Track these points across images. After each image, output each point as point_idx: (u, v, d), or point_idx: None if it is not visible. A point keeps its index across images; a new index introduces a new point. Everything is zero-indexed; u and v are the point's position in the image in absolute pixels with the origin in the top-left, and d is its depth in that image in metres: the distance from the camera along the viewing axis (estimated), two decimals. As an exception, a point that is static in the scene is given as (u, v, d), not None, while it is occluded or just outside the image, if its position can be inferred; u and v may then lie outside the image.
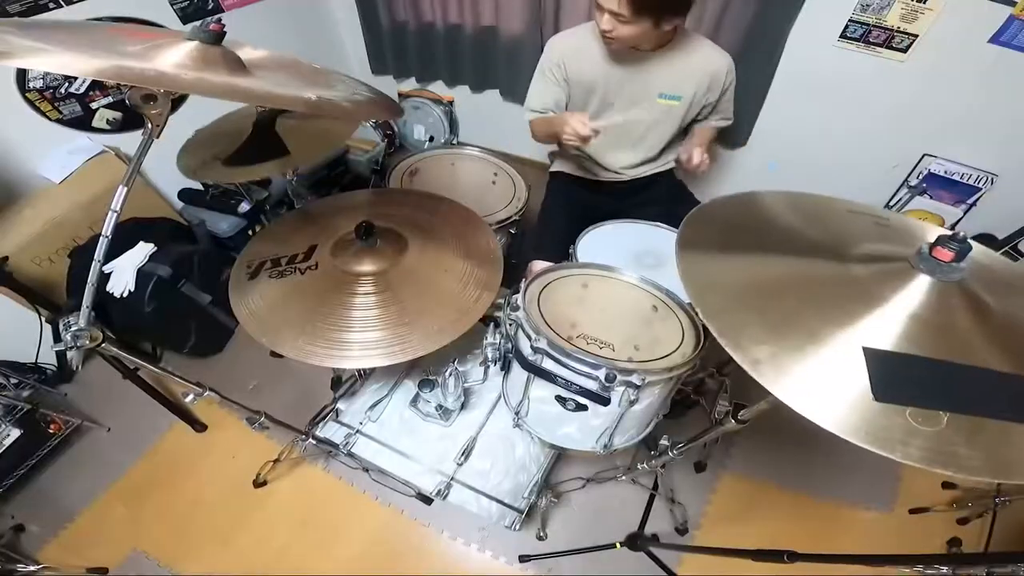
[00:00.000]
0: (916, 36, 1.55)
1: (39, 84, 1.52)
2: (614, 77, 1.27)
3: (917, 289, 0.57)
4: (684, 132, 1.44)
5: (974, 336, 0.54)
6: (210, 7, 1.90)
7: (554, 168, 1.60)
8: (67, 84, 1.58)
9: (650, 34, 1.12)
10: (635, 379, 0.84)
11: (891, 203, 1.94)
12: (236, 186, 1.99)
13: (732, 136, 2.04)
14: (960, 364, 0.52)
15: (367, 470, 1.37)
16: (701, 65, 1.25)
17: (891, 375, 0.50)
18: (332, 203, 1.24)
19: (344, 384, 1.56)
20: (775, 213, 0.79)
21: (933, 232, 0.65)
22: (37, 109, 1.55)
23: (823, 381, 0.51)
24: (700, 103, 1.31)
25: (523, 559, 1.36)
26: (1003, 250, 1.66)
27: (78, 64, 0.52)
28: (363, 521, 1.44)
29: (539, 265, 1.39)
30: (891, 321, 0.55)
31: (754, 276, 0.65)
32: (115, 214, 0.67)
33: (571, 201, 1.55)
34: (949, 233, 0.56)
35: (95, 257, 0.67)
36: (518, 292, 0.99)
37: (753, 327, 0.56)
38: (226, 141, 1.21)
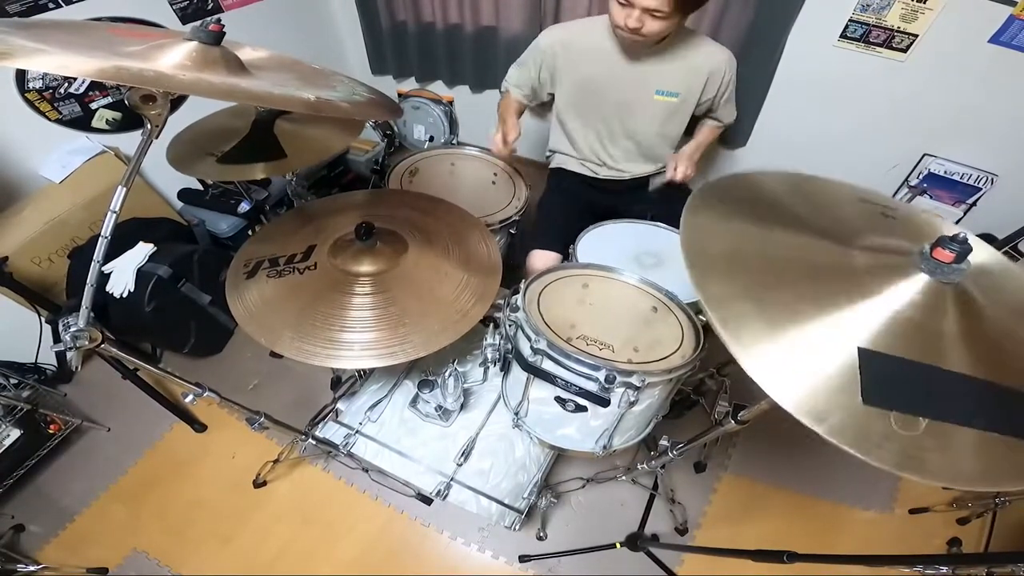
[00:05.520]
0: (916, 36, 1.54)
1: (38, 84, 1.52)
2: (612, 73, 1.27)
3: (910, 287, 0.56)
4: (688, 133, 1.44)
5: (955, 341, 0.54)
6: (210, 7, 1.90)
7: (554, 164, 1.60)
8: (66, 84, 1.58)
9: (674, 28, 1.12)
10: (635, 380, 0.84)
11: (891, 203, 1.94)
12: (236, 186, 1.99)
13: (732, 136, 2.04)
14: (949, 371, 0.51)
15: (367, 470, 1.37)
16: (700, 62, 1.24)
17: (882, 379, 0.50)
18: (331, 203, 1.24)
19: (344, 384, 1.56)
20: (785, 194, 0.77)
21: (939, 227, 0.65)
22: (36, 109, 1.55)
23: (798, 363, 0.51)
24: (699, 101, 1.30)
25: (523, 559, 1.36)
26: (1003, 250, 1.65)
27: (77, 64, 0.52)
28: (363, 521, 1.44)
29: (538, 255, 1.40)
30: (876, 315, 0.54)
31: (754, 245, 0.64)
32: (114, 214, 0.66)
33: (571, 195, 1.55)
34: (950, 234, 0.55)
35: (94, 257, 0.67)
36: (518, 293, 0.99)
37: (740, 299, 0.56)
38: (219, 137, 1.21)
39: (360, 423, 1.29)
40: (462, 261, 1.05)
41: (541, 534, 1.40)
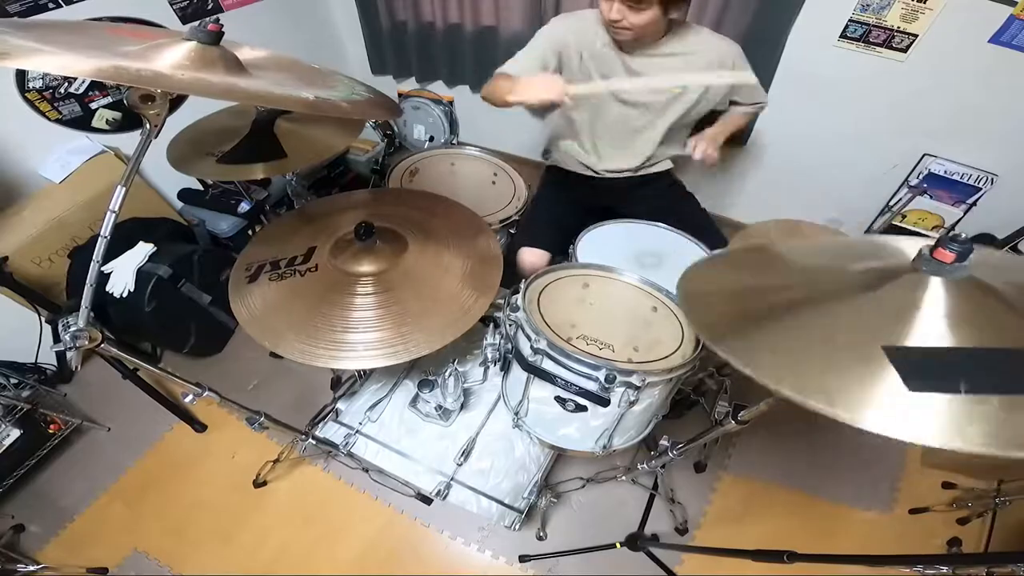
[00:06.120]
0: (916, 36, 1.54)
1: (38, 84, 1.52)
2: (619, 65, 1.26)
3: (935, 291, 0.55)
4: (693, 128, 1.42)
5: (1009, 316, 0.53)
6: (210, 7, 1.90)
7: (550, 163, 1.59)
8: (66, 84, 1.58)
9: (658, 23, 1.11)
10: (635, 380, 0.84)
11: (891, 203, 1.94)
12: (236, 186, 1.99)
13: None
14: (980, 348, 0.51)
15: (367, 470, 1.37)
16: (705, 53, 1.23)
17: (919, 366, 0.49)
18: (331, 203, 1.24)
19: (344, 384, 1.56)
20: (771, 267, 0.77)
21: (912, 245, 0.64)
22: (36, 109, 1.55)
23: (899, 398, 0.49)
24: (706, 92, 1.30)
25: (523, 559, 1.36)
26: (1003, 250, 1.66)
27: (76, 64, 0.52)
28: (363, 521, 1.44)
29: (528, 252, 1.39)
30: (930, 325, 0.54)
31: (795, 338, 0.60)
32: (113, 214, 0.66)
33: (565, 194, 1.54)
34: (950, 235, 0.56)
35: (94, 257, 0.67)
36: (518, 292, 0.99)
37: (814, 375, 0.53)
38: (219, 137, 1.21)
39: (360, 423, 1.29)
40: (463, 259, 1.05)
41: (541, 534, 1.40)
